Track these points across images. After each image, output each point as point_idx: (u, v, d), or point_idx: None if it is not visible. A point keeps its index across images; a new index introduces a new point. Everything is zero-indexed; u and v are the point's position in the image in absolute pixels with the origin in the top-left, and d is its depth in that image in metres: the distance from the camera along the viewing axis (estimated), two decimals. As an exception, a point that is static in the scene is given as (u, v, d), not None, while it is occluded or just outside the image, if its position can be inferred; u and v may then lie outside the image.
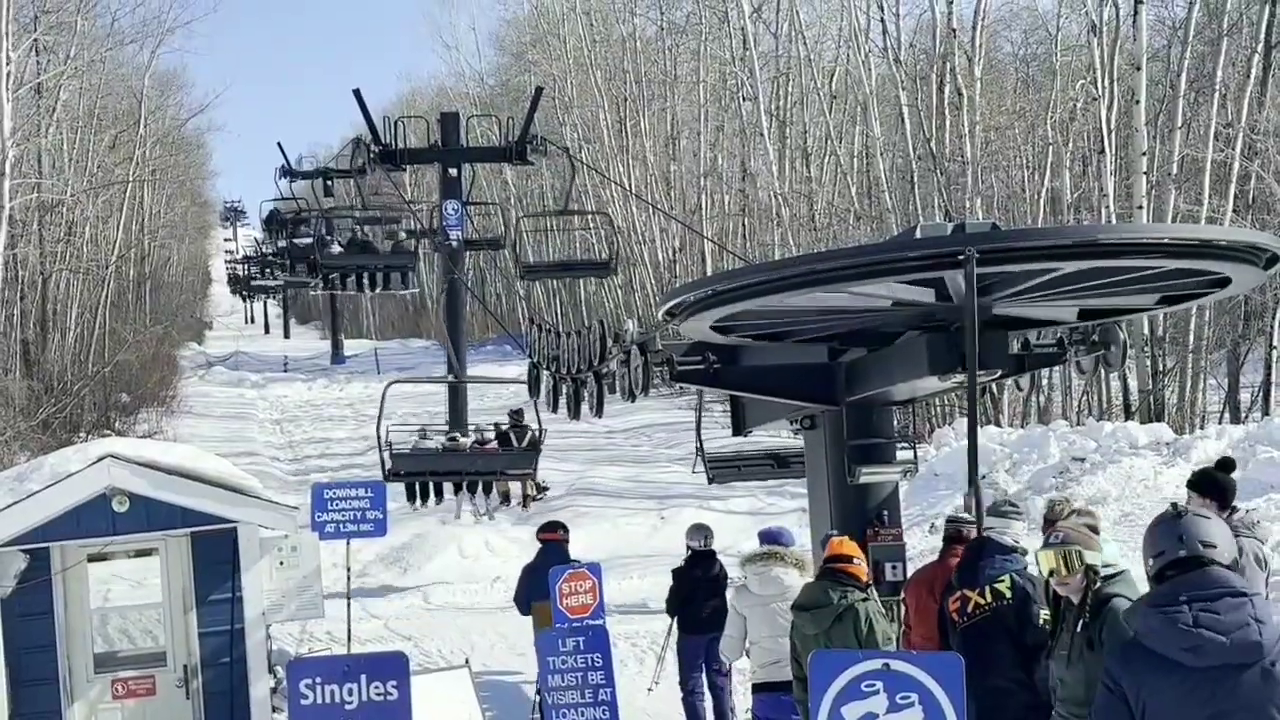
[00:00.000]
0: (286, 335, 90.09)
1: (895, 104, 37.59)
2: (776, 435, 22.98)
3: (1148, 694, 5.00)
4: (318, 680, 6.23)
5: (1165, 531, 5.21)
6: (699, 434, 19.60)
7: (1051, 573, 6.63)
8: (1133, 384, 29.18)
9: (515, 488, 27.41)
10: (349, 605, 15.18)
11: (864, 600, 9.25)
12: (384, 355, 62.78)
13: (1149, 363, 28.62)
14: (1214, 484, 9.83)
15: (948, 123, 34.91)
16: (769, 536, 10.90)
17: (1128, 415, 28.18)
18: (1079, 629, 6.57)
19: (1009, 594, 8.47)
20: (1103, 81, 30.18)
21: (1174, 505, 5.39)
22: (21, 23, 34.99)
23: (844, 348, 13.12)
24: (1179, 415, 29.05)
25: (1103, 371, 13.84)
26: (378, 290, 36.77)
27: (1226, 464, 10.61)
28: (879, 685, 5.19)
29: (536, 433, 23.81)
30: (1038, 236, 10.93)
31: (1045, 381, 32.77)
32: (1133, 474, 22.56)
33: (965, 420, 29.19)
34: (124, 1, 47.10)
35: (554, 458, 33.16)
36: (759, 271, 11.22)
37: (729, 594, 11.07)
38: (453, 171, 35.49)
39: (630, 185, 48.80)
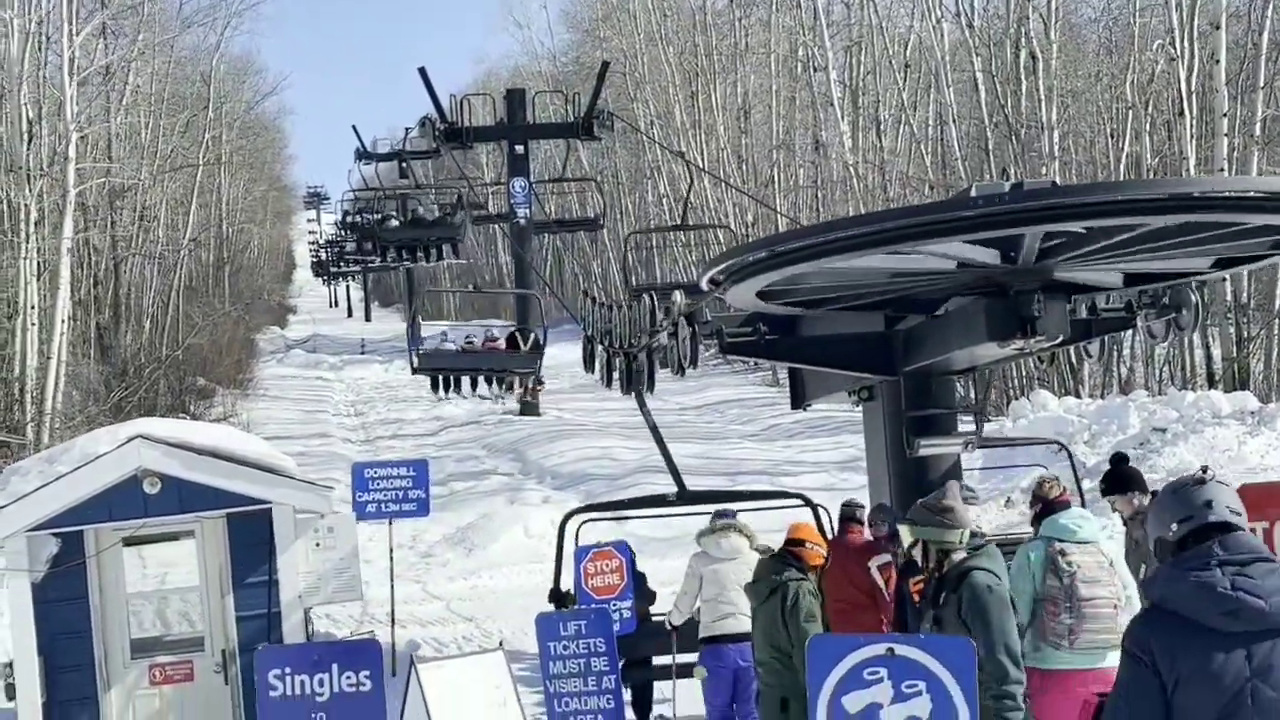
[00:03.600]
0: (368, 318, 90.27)
1: (969, 71, 36.80)
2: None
3: (1180, 663, 4.77)
4: (287, 670, 5.86)
5: (1192, 496, 4.99)
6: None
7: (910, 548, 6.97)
8: (1216, 352, 28.35)
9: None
10: (392, 587, 14.88)
11: (798, 580, 9.89)
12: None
13: (1233, 330, 27.74)
14: (1124, 478, 10.17)
15: (1023, 88, 34.11)
16: (723, 514, 11.74)
17: (1211, 384, 27.37)
18: (939, 603, 6.72)
19: None
20: (1181, 42, 29.31)
21: (1203, 469, 5.17)
22: (89, 7, 35.07)
23: (901, 315, 12.62)
24: (1264, 383, 28.20)
25: (1175, 336, 13.20)
26: (431, 262, 37.30)
27: (1122, 458, 11.06)
28: (883, 672, 4.73)
29: (539, 337, 29.02)
30: (1102, 191, 10.44)
31: (1126, 351, 31.96)
32: (1216, 444, 21.89)
33: (1043, 391, 28.65)
34: (192, -16, 47.19)
35: (622, 435, 32.91)
36: (802, 236, 10.74)
37: (689, 560, 11.59)
38: (519, 149, 35.27)
39: (703, 161, 48.28)
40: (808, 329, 13.44)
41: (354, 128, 60.57)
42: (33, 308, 27.99)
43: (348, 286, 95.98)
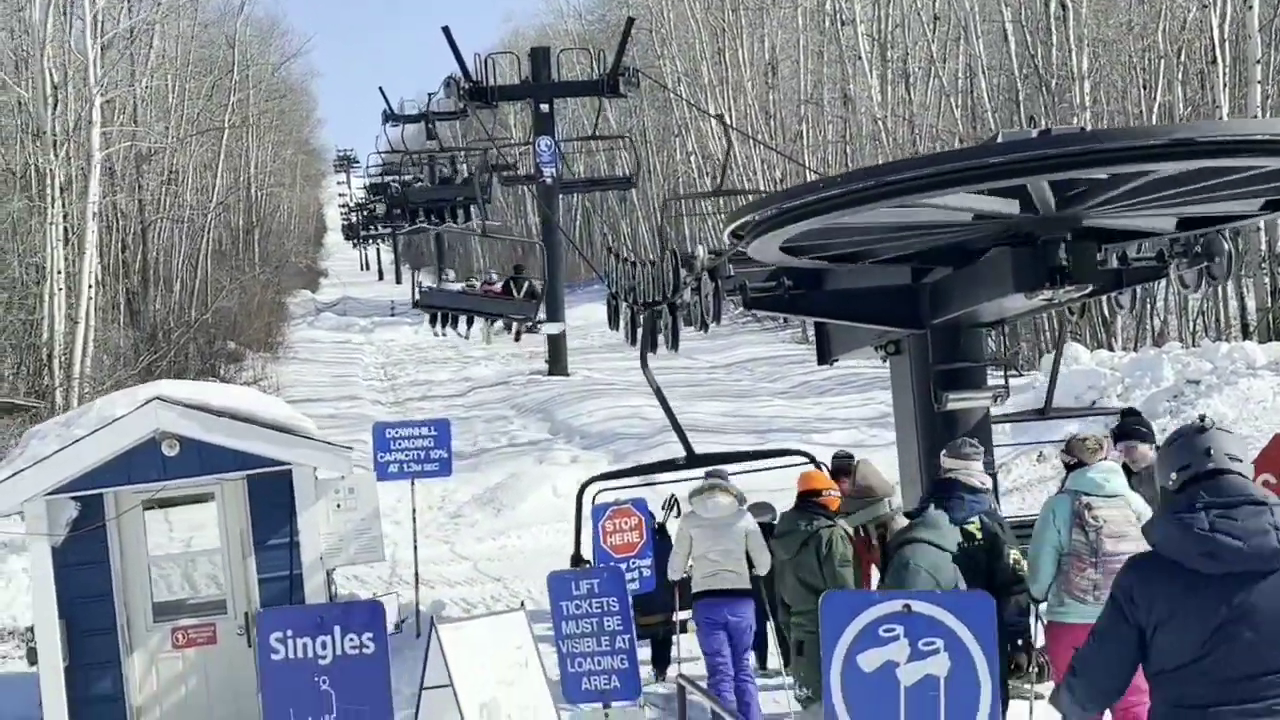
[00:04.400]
0: (398, 281, 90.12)
1: (998, 22, 36.33)
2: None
3: (1160, 605, 4.83)
4: (289, 633, 5.71)
5: (1192, 445, 5.02)
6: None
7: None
8: (1250, 303, 27.97)
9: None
10: (415, 547, 14.77)
11: (829, 527, 10.14)
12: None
13: (1267, 280, 27.34)
14: (1122, 431, 10.09)
15: (1054, 38, 33.66)
16: (713, 474, 12.00)
17: (1245, 335, 27.02)
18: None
19: (979, 535, 8.80)
20: (1214, -13, 28.83)
21: (1201, 418, 5.23)
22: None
23: (927, 268, 12.42)
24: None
25: (1208, 286, 12.95)
26: (458, 223, 37.86)
27: (1130, 411, 11.17)
28: (899, 630, 4.56)
29: (536, 286, 31.14)
30: (1128, 136, 10.20)
31: (1160, 303, 31.59)
32: (1250, 395, 21.61)
33: (1075, 344, 28.33)
34: (213, -54, 46.92)
35: (650, 394, 32.62)
36: (824, 187, 10.53)
37: (679, 521, 11.90)
38: (544, 107, 35.02)
39: (731, 118, 47.90)
40: (833, 283, 13.26)
41: (380, 89, 60.66)
42: (59, 273, 27.96)
43: (378, 249, 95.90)
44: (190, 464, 11.91)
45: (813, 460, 14.10)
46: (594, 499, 12.55)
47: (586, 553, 12.65)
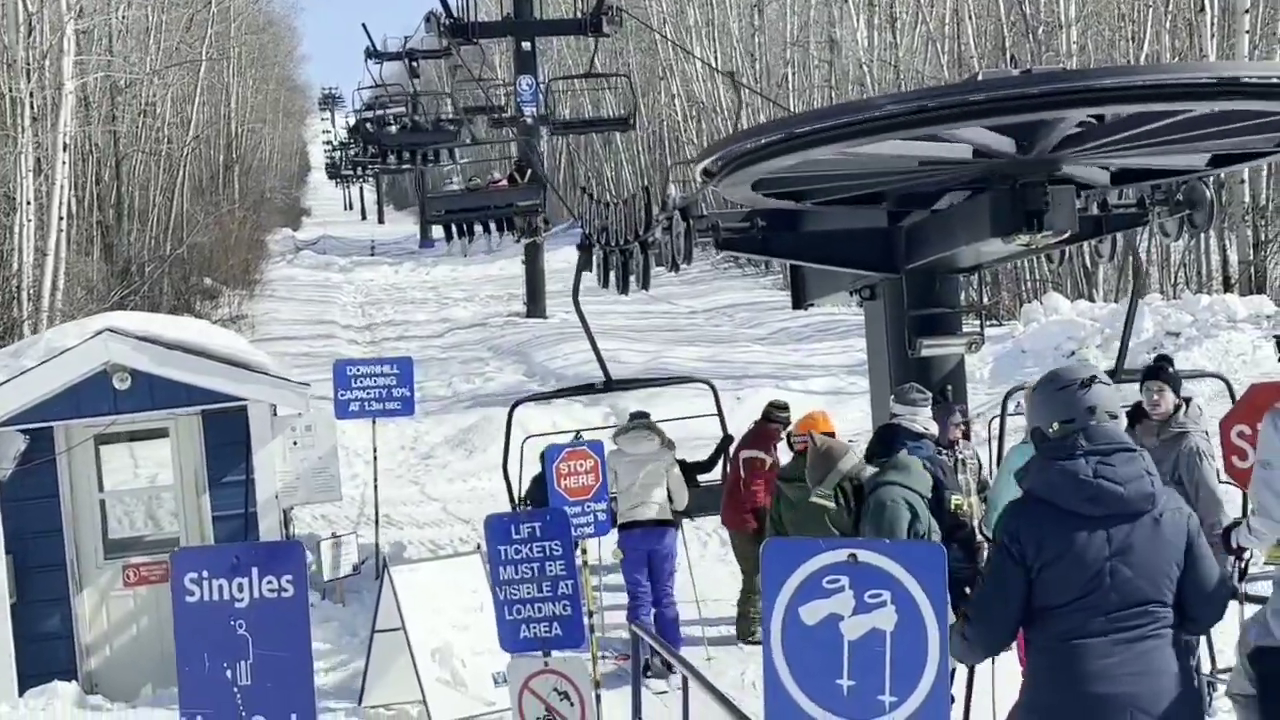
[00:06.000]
0: (381, 221, 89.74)
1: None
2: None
3: (1046, 547, 5.13)
4: (204, 574, 5.42)
5: (1075, 401, 5.32)
6: None
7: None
8: (1233, 255, 27.71)
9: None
10: (376, 487, 14.51)
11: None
12: (480, 242, 62.06)
13: (1250, 232, 27.07)
14: (1151, 370, 9.71)
15: (1042, -17, 33.24)
16: (637, 415, 12.97)
17: (1226, 288, 26.79)
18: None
19: None
20: (1202, -68, 28.41)
21: (1087, 372, 5.49)
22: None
23: (904, 211, 12.14)
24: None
25: (1189, 235, 12.71)
26: (441, 164, 37.85)
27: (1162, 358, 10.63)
28: (844, 581, 4.29)
29: (539, 172, 32.42)
30: (1109, 75, 9.91)
31: (1142, 255, 31.32)
32: (1230, 348, 21.47)
33: (1055, 295, 28.08)
34: None
35: (630, 338, 32.43)
36: (793, 124, 10.21)
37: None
38: (526, 45, 34.57)
39: (716, 60, 47.40)
40: (808, 225, 12.99)
41: (364, 25, 59.62)
42: (29, 203, 27.48)
43: (361, 189, 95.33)
44: (142, 398, 11.62)
45: (713, 390, 14.99)
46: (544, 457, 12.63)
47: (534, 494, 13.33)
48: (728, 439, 13.87)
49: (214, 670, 5.45)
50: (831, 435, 10.58)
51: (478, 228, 33.34)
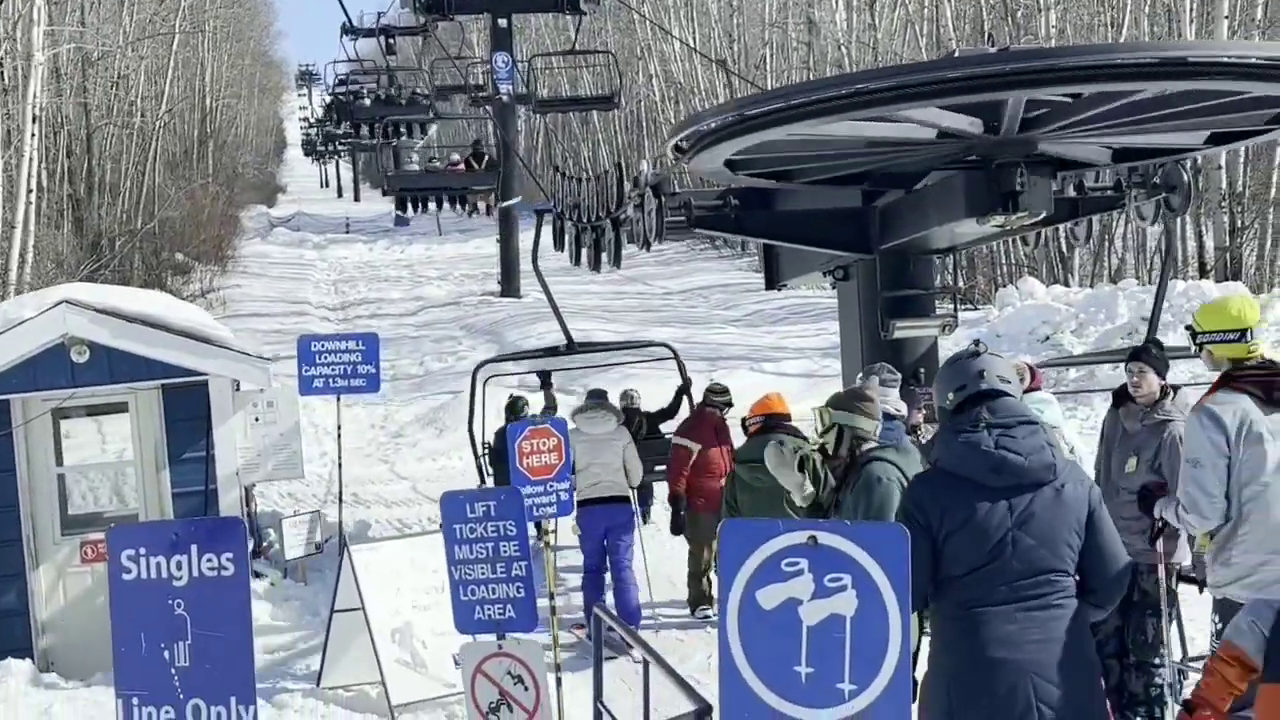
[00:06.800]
0: (356, 198, 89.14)
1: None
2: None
3: (950, 517, 5.29)
4: (142, 551, 5.22)
5: (965, 368, 5.55)
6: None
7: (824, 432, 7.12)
8: (1209, 241, 27.64)
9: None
10: (340, 465, 14.30)
11: (812, 450, 10.24)
12: (447, 217, 61.72)
13: (1226, 219, 26.99)
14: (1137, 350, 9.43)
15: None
16: (594, 394, 13.33)
17: (1202, 274, 26.72)
18: (845, 487, 6.96)
19: None
20: (1181, -82, 28.33)
21: (975, 342, 5.75)
22: None
23: (879, 190, 11.99)
24: (1257, 274, 27.52)
25: (1166, 218, 12.56)
26: (413, 139, 38.25)
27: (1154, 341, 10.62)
28: (803, 564, 4.11)
29: (494, 156, 34.37)
30: (1085, 54, 9.74)
31: (1119, 241, 31.28)
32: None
33: (1031, 279, 27.96)
34: None
35: (604, 318, 32.26)
36: (767, 100, 10.04)
37: None
38: (502, 22, 34.31)
39: (695, 40, 47.15)
40: (781, 204, 12.83)
41: (340, 1, 59.14)
42: (-4, 175, 27.18)
43: (338, 166, 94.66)
44: (100, 371, 11.40)
45: (675, 354, 16.01)
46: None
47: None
48: (687, 383, 15.30)
49: (151, 651, 5.26)
50: (787, 417, 10.94)
51: (432, 204, 36.24)
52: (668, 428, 15.34)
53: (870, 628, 4.20)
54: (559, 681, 8.26)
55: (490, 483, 15.31)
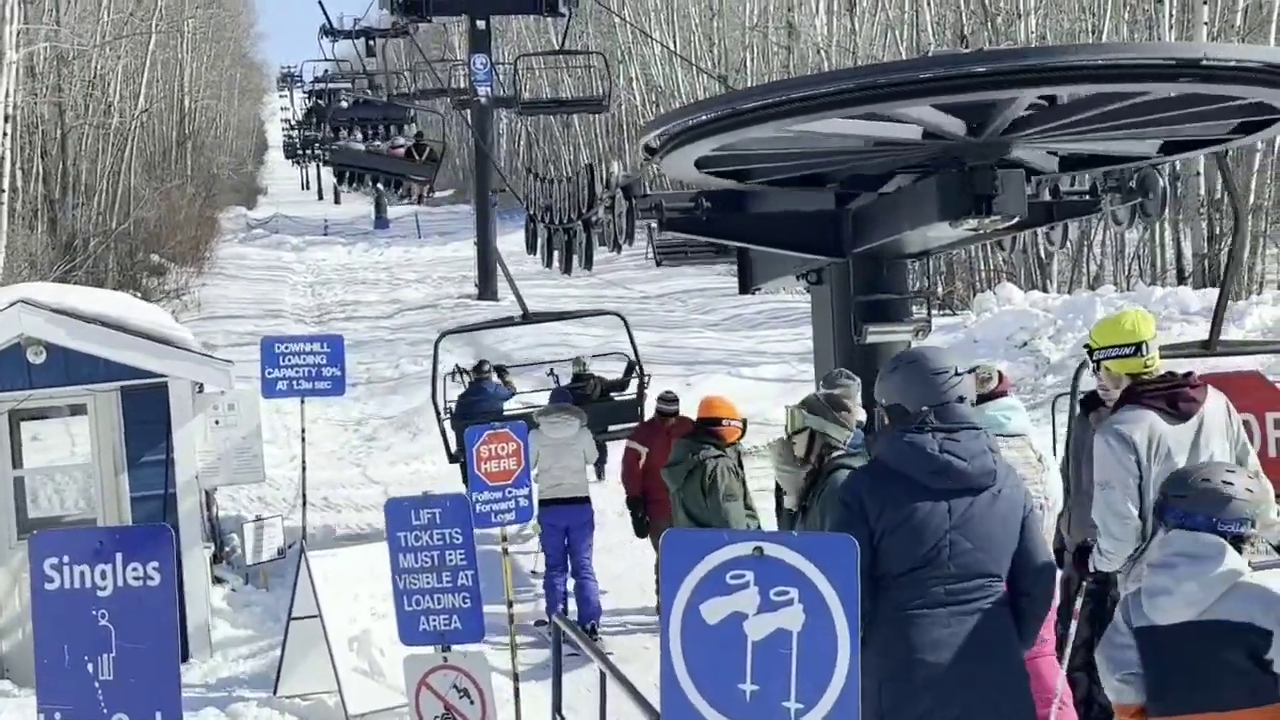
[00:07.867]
0: (336, 201, 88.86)
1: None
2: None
3: (889, 513, 5.32)
4: (65, 559, 5.03)
5: (948, 387, 5.51)
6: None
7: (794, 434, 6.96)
8: (1187, 248, 27.55)
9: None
10: (304, 468, 14.10)
11: (716, 457, 10.42)
12: (427, 220, 61.49)
13: (1205, 225, 26.91)
14: None
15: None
16: (557, 395, 14.46)
17: (1180, 280, 26.64)
18: (811, 495, 6.74)
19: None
20: (1159, -79, 28.22)
21: (973, 368, 6.15)
22: None
23: (852, 193, 11.86)
24: (1236, 281, 27.43)
25: (1141, 222, 12.46)
26: (380, 142, 38.31)
27: None
28: (748, 576, 3.93)
29: (437, 151, 36.91)
30: (1061, 54, 9.65)
31: (1097, 247, 31.18)
32: (1183, 340, 21.25)
33: (1009, 285, 27.85)
34: None
35: (580, 322, 32.01)
36: (736, 100, 9.90)
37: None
38: (480, 24, 34.15)
39: (675, 44, 47.02)
40: (754, 206, 12.72)
41: (320, 2, 58.77)
42: (-32, 175, 26.94)
43: (318, 169, 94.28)
44: (57, 373, 11.20)
45: (623, 320, 17.81)
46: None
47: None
48: (638, 359, 16.94)
49: (74, 663, 5.06)
50: (733, 419, 10.97)
51: (368, 180, 38.43)
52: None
53: (817, 644, 4.02)
54: (517, 692, 8.08)
55: (455, 447, 15.80)
